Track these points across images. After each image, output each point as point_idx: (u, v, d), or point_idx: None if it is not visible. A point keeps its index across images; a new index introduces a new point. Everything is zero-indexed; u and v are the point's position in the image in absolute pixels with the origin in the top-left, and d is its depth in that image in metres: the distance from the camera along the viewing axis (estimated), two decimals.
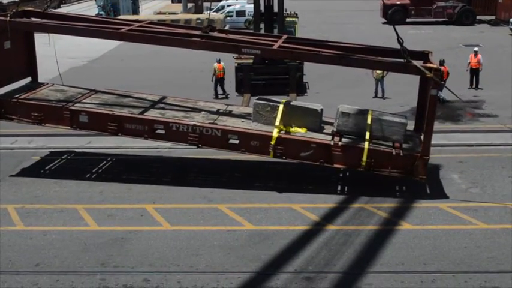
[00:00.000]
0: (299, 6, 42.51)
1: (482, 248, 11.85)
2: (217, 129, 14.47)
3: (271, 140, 14.15)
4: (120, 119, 14.87)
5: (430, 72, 13.23)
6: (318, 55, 14.39)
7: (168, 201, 14.13)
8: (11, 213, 13.63)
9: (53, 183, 15.32)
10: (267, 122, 14.73)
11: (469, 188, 14.73)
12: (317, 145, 14.12)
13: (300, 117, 14.66)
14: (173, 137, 14.78)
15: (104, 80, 26.90)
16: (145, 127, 14.76)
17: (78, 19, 16.76)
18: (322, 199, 14.08)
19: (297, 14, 32.96)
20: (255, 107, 15.01)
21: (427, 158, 13.74)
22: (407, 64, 13.71)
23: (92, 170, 16.21)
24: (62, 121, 15.16)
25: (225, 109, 16.12)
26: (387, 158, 13.84)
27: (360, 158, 13.83)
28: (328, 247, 11.90)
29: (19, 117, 15.40)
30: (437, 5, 45.49)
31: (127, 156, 17.21)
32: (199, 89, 24.01)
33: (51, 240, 12.39)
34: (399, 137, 14.15)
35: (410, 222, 12.99)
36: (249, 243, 12.17)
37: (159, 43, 15.20)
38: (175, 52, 31.36)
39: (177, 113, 15.32)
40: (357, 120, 14.27)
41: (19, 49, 16.08)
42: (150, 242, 12.26)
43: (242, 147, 14.46)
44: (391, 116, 14.69)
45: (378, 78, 23.43)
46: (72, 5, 66.84)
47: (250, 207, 13.78)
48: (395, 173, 13.96)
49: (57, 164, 16.69)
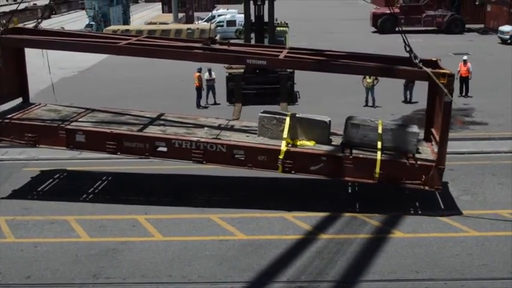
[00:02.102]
0: (289, 16, 42.76)
1: (474, 255, 11.89)
2: (222, 145, 13.92)
3: (280, 154, 13.61)
4: (119, 137, 14.30)
5: (444, 78, 12.88)
6: (326, 64, 14.09)
7: (159, 212, 14.08)
8: (2, 225, 13.53)
9: (43, 195, 15.25)
10: (274, 136, 14.21)
11: (460, 196, 14.78)
12: (327, 158, 13.63)
13: (308, 129, 14.17)
14: (176, 155, 14.15)
15: (95, 90, 26.91)
16: (146, 145, 14.19)
17: (70, 35, 16.37)
18: (314, 208, 14.06)
19: (287, 23, 33.20)
20: (261, 120, 14.44)
21: (443, 167, 13.31)
22: (419, 71, 13.39)
23: (84, 182, 16.13)
24: (57, 141, 14.57)
25: (226, 124, 15.59)
26: (401, 169, 13.41)
27: (373, 170, 13.34)
28: (321, 256, 11.89)
29: (12, 138, 14.86)
30: (427, 14, 45.88)
31: (119, 167, 17.15)
32: (191, 98, 24.03)
33: (42, 252, 12.31)
34: (411, 147, 13.73)
35: (402, 230, 13.02)
36: (241, 253, 12.14)
37: (160, 56, 14.80)
38: (165, 62, 31.47)
39: (178, 130, 14.79)
40: (367, 131, 13.84)
41: (9, 68, 15.48)
42: (142, 253, 12.21)
43: (249, 162, 13.88)
44: (402, 126, 14.31)
45: (368, 87, 23.55)
46: (62, 15, 66.88)
47: (242, 216, 13.75)
48: (410, 184, 13.51)
49: (48, 176, 16.58)
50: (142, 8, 74.32)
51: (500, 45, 39.50)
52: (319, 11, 65.56)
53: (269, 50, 15.42)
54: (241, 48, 15.68)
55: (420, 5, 46.50)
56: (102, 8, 48.88)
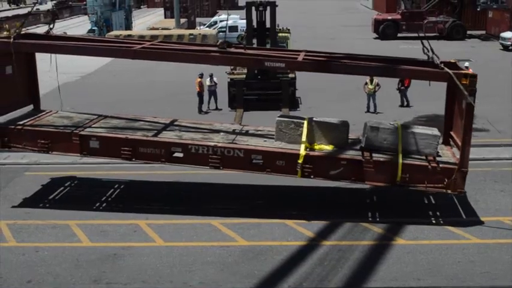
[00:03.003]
0: (291, 22, 42.84)
1: (475, 262, 11.87)
2: (239, 150, 13.72)
3: (299, 158, 13.40)
4: (134, 143, 14.07)
5: (466, 79, 12.66)
6: (346, 66, 13.91)
7: (161, 217, 14.07)
8: (3, 229, 13.54)
9: (45, 199, 15.24)
10: (291, 140, 14.01)
11: (462, 203, 14.75)
12: (348, 162, 13.43)
13: (326, 133, 13.94)
14: (192, 160, 13.94)
15: (97, 95, 26.95)
16: (161, 150, 13.95)
17: (82, 40, 16.17)
18: (316, 215, 14.04)
19: (289, 29, 33.18)
20: (278, 124, 14.24)
21: (466, 170, 13.06)
22: (441, 72, 13.18)
23: (86, 188, 16.14)
24: (71, 148, 14.31)
25: (241, 129, 15.41)
26: (423, 173, 13.15)
27: (394, 174, 13.17)
28: (323, 263, 11.87)
29: (24, 145, 14.63)
30: (428, 20, 45.94)
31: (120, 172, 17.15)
32: (193, 104, 24.05)
33: (43, 256, 12.31)
34: (432, 150, 13.53)
35: (403, 237, 13.00)
36: (242, 259, 12.13)
37: (176, 60, 14.58)
38: (167, 68, 31.54)
39: (194, 135, 14.58)
40: (387, 134, 13.66)
41: (20, 75, 15.17)
42: (143, 258, 12.20)
43: (267, 167, 13.68)
44: (422, 129, 14.13)
45: (370, 93, 23.57)
46: (65, 20, 67.03)
47: (243, 222, 13.74)
48: (432, 187, 13.30)
49: (49, 180, 16.59)
50: (145, 14, 74.52)
51: (502, 51, 39.53)
52: (321, 18, 65.68)
53: (286, 52, 15.15)
54: (257, 51, 15.52)
55: (422, 11, 46.60)
56: (104, 13, 49.00)
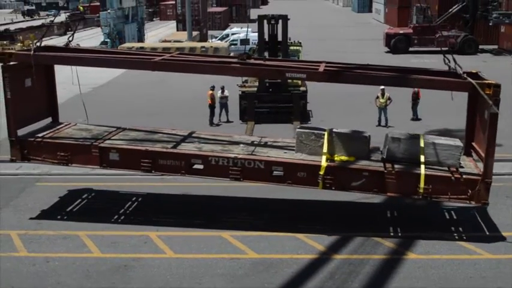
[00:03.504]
0: (303, 35, 42.96)
1: (487, 278, 11.76)
2: (260, 161, 13.64)
3: (320, 169, 13.31)
4: (154, 155, 14.06)
5: (489, 89, 12.66)
6: (368, 76, 13.86)
7: (171, 229, 14.07)
8: (14, 239, 13.60)
9: (56, 210, 15.30)
10: (312, 152, 13.91)
11: (464, 217, 14.65)
12: (369, 173, 13.31)
13: (347, 144, 13.84)
14: (212, 172, 13.88)
15: (109, 106, 27.12)
16: (181, 162, 13.93)
17: (101, 52, 16.18)
18: (327, 228, 13.99)
19: (300, 42, 33.33)
20: (298, 136, 14.18)
21: (490, 181, 12.93)
22: (463, 82, 13.15)
23: (96, 198, 16.21)
24: (90, 160, 14.34)
25: (259, 141, 15.29)
26: (446, 184, 13.03)
27: (417, 185, 13.02)
28: (333, 277, 11.81)
29: (43, 158, 14.65)
30: (440, 35, 45.84)
31: (130, 183, 17.20)
32: (204, 116, 24.12)
33: (54, 267, 12.34)
34: (455, 161, 13.40)
35: (415, 251, 12.91)
36: (252, 272, 12.09)
37: (197, 71, 14.65)
38: (178, 80, 31.71)
39: (213, 147, 14.55)
40: (408, 145, 13.56)
41: (40, 87, 15.15)
42: (153, 269, 12.21)
43: (288, 179, 13.60)
44: (444, 140, 13.99)
45: (381, 107, 23.54)
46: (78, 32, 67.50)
47: (254, 235, 13.71)
48: (455, 199, 13.20)
49: (60, 190, 16.66)
50: (157, 26, 75.03)
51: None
52: (333, 31, 65.79)
53: (306, 64, 15.12)
54: (277, 62, 15.52)
55: (433, 25, 46.53)
56: (117, 25, 49.46)
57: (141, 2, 57.64)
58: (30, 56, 14.22)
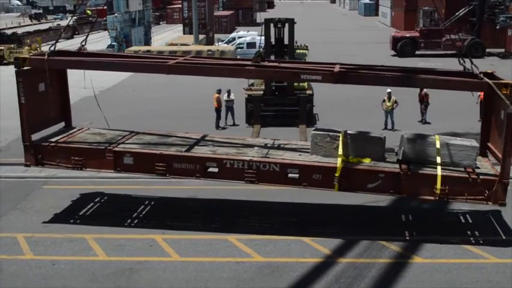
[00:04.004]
0: (309, 39, 42.96)
1: (494, 282, 11.71)
2: (275, 164, 13.62)
3: (336, 171, 13.27)
4: (168, 158, 14.05)
5: (506, 88, 12.59)
6: (384, 77, 13.82)
7: (177, 232, 14.08)
8: (21, 242, 13.65)
9: (63, 213, 15.34)
10: (327, 154, 13.87)
11: (479, 221, 14.58)
12: (385, 175, 13.28)
13: (363, 146, 13.81)
14: (227, 175, 13.85)
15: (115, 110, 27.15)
16: (196, 166, 13.90)
17: (112, 56, 16.20)
18: (333, 232, 13.98)
19: (307, 46, 33.28)
20: (313, 138, 14.14)
21: (507, 181, 12.89)
22: (479, 82, 13.20)
23: (103, 201, 16.25)
24: (104, 164, 14.34)
25: (273, 143, 15.26)
26: (463, 185, 12.99)
27: (433, 186, 12.98)
28: (339, 281, 11.78)
29: (58, 162, 14.63)
30: (447, 38, 45.74)
31: (136, 186, 17.23)
32: (210, 119, 24.15)
33: (59, 270, 12.38)
34: (471, 161, 13.34)
35: (421, 255, 12.87)
36: (258, 275, 12.08)
37: (211, 74, 14.70)
38: (186, 83, 31.79)
39: (228, 150, 14.56)
40: (424, 146, 13.48)
41: (53, 92, 15.12)
42: (159, 273, 12.22)
43: (303, 181, 13.55)
44: (460, 140, 13.93)
45: (387, 110, 23.50)
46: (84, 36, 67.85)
47: (260, 238, 13.71)
48: (472, 199, 13.14)
49: (67, 193, 16.71)
50: (164, 30, 75.25)
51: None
52: (339, 34, 65.77)
53: (320, 65, 15.01)
54: (291, 64, 15.51)
55: (440, 28, 46.43)
56: (124, 29, 49.64)
57: (148, 6, 57.80)
58: (44, 61, 14.23)
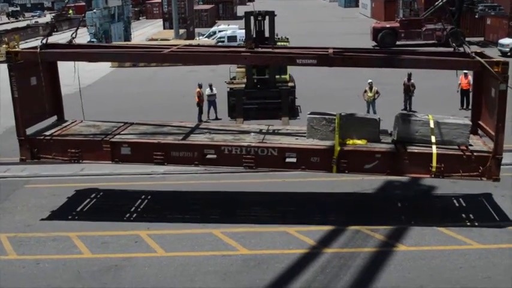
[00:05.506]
0: (290, 31, 42.91)
1: (477, 268, 11.85)
2: (273, 148, 13.76)
3: (334, 153, 13.48)
4: (166, 147, 14.07)
5: (498, 66, 12.72)
6: (376, 59, 13.96)
7: (162, 228, 14.04)
8: (4, 242, 13.52)
9: (45, 211, 15.21)
10: (324, 137, 14.04)
11: (463, 208, 14.72)
12: (382, 155, 13.51)
13: (358, 128, 13.98)
14: (226, 161, 13.97)
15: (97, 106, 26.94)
16: (194, 153, 13.99)
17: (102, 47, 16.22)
18: (317, 222, 14.03)
19: (288, 38, 33.23)
20: (310, 121, 14.27)
21: (500, 157, 13.13)
22: (472, 61, 13.38)
23: (85, 199, 16.14)
24: (102, 155, 14.29)
25: (268, 129, 15.39)
26: (457, 162, 13.26)
27: (429, 165, 13.21)
28: (324, 271, 11.84)
29: (54, 155, 14.51)
30: (427, 28, 46.04)
31: (120, 183, 17.14)
32: (193, 114, 24.05)
33: (44, 269, 12.28)
34: (464, 139, 13.58)
35: (405, 243, 12.98)
36: (244, 268, 12.10)
37: (208, 62, 14.67)
38: (167, 77, 31.65)
39: (225, 137, 14.67)
40: (419, 126, 13.71)
41: (44, 85, 14.91)
42: (145, 269, 12.18)
43: (301, 164, 13.74)
44: (453, 119, 14.13)
45: (369, 101, 23.59)
46: (64, 33, 67.16)
47: (245, 231, 13.72)
48: (467, 176, 13.35)
49: (49, 192, 16.58)
50: (144, 25, 74.72)
51: (501, 58, 39.53)
52: (320, 26, 65.85)
53: (314, 50, 14.94)
54: (286, 50, 15.47)
55: (420, 19, 46.71)
56: (103, 25, 49.13)
57: (127, 1, 57.31)
58: (37, 54, 14.09)
